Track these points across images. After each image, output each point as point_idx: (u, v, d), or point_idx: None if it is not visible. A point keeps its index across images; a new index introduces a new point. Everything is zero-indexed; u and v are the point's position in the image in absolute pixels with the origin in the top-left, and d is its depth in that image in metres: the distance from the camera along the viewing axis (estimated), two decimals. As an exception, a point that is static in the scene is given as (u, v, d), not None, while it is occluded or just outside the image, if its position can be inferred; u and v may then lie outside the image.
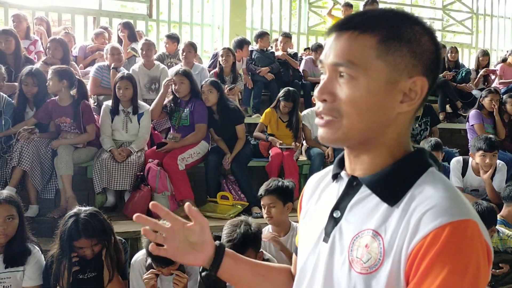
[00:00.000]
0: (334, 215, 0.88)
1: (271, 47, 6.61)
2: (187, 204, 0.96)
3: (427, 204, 0.75)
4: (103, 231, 2.48)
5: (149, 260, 2.48)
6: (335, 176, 0.94)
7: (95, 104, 4.64)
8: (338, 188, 0.91)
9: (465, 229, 0.72)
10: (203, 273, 1.04)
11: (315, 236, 0.91)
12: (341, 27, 0.82)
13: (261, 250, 2.43)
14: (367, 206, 0.83)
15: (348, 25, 0.81)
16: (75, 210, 2.50)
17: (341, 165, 0.94)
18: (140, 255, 2.60)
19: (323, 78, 0.85)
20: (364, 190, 0.85)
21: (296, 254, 1.06)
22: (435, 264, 0.70)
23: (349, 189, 0.88)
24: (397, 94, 0.81)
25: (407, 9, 9.21)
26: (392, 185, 0.81)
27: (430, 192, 0.77)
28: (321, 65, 0.86)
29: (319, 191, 0.99)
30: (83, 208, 2.51)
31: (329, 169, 1.01)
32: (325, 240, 0.87)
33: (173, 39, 5.83)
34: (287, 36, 6.50)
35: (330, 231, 0.87)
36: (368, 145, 0.84)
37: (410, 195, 0.79)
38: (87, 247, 2.44)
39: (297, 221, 1.15)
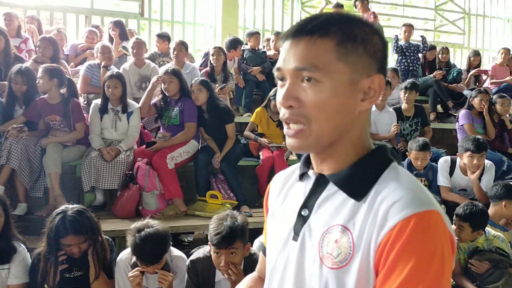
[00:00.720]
0: (302, 213, 0.89)
1: (263, 46, 6.61)
2: None
3: (392, 197, 0.78)
4: (91, 228, 2.49)
5: (134, 259, 2.48)
6: (302, 175, 0.95)
7: (85, 102, 4.64)
8: (305, 186, 0.93)
9: (429, 220, 0.75)
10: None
11: (284, 235, 0.92)
12: (297, 33, 0.83)
13: (248, 242, 2.44)
14: (335, 202, 0.86)
15: (304, 30, 0.83)
16: (62, 207, 2.51)
17: (307, 163, 0.95)
18: (125, 253, 2.60)
19: (282, 84, 0.86)
20: (331, 187, 0.88)
21: (264, 254, 1.08)
22: (402, 255, 0.73)
23: (317, 187, 0.90)
24: (358, 93, 0.84)
25: (400, 10, 9.28)
26: (357, 181, 0.84)
27: (394, 185, 0.81)
28: (278, 72, 0.86)
29: (285, 191, 1.00)
30: (70, 206, 2.52)
31: (294, 168, 1.03)
32: (295, 238, 0.89)
33: (163, 38, 5.84)
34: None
35: (299, 229, 0.89)
36: (335, 146, 0.87)
37: (375, 190, 0.82)
38: (74, 244, 2.45)
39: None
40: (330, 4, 7.95)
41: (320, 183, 0.89)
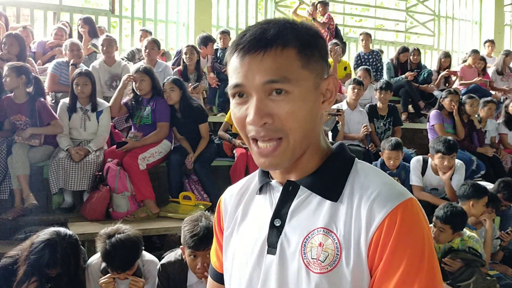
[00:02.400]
0: (276, 224, 0.87)
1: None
2: None
3: (371, 192, 0.80)
4: (77, 261, 2.38)
5: (104, 264, 2.40)
6: (261, 188, 0.93)
7: (53, 101, 4.49)
8: (270, 197, 0.91)
9: (411, 207, 0.79)
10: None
11: (255, 251, 0.88)
12: (256, 46, 0.79)
13: None
14: (310, 207, 0.85)
15: (263, 42, 0.79)
16: (50, 233, 2.33)
17: (266, 174, 0.93)
18: (95, 258, 2.53)
19: (243, 101, 0.82)
20: (302, 193, 0.86)
21: (215, 279, 1.06)
22: (397, 247, 0.76)
23: (285, 195, 0.88)
24: (320, 96, 0.85)
25: (372, 11, 9.38)
26: (329, 182, 0.85)
27: (367, 182, 0.83)
28: (239, 89, 0.81)
29: (243, 206, 0.96)
30: (63, 232, 2.35)
31: (244, 183, 1.00)
32: (271, 252, 0.86)
33: (147, 32, 5.98)
34: None
35: (275, 241, 0.86)
36: (303, 153, 0.86)
37: (349, 189, 0.83)
38: (55, 273, 2.32)
39: None
40: (304, 4, 7.97)
41: (289, 190, 0.88)
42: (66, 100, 4.00)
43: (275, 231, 0.86)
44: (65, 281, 2.33)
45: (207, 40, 5.70)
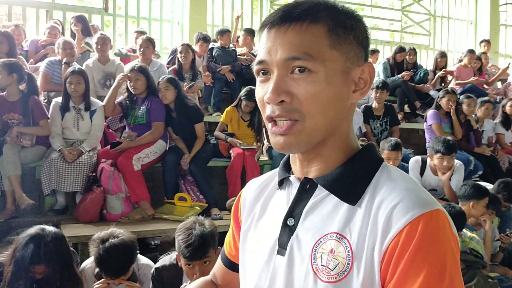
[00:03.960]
0: (288, 223, 0.81)
1: (233, 45, 6.51)
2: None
3: (392, 199, 0.72)
4: (63, 260, 2.27)
5: (97, 268, 2.33)
6: (281, 182, 0.87)
7: (45, 101, 4.41)
8: (287, 194, 0.85)
9: (437, 220, 0.69)
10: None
11: (266, 250, 0.83)
12: (283, 20, 0.75)
13: (219, 246, 2.32)
14: (326, 208, 0.78)
15: (291, 16, 0.75)
16: (37, 230, 2.25)
17: (287, 168, 0.87)
18: (89, 262, 2.47)
19: (266, 79, 0.77)
20: (319, 192, 0.79)
21: (223, 262, 1.03)
22: (414, 262, 0.67)
23: (302, 193, 0.81)
24: (350, 84, 0.78)
25: (368, 10, 9.35)
26: (350, 183, 0.77)
27: (391, 186, 0.74)
28: (261, 66, 0.77)
29: (263, 201, 0.91)
30: (48, 229, 2.26)
31: (268, 176, 0.94)
32: (281, 252, 0.80)
33: (142, 33, 5.85)
34: (249, 32, 6.39)
35: (286, 242, 0.80)
36: (325, 143, 0.79)
37: (370, 192, 0.75)
38: (41, 273, 2.23)
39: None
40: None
41: (306, 188, 0.81)
42: (59, 99, 3.92)
43: (287, 230, 0.80)
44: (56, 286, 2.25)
45: (200, 39, 5.61)
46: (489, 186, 4.10)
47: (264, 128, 4.59)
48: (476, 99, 5.49)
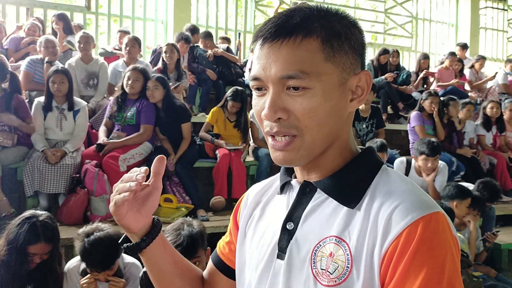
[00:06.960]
0: (288, 227, 0.80)
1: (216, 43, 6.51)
2: (160, 156, 0.88)
3: (392, 201, 0.72)
4: (57, 238, 2.37)
5: (83, 265, 2.33)
6: (283, 187, 0.87)
7: (27, 100, 4.30)
8: (288, 198, 0.85)
9: (436, 222, 0.69)
10: (126, 245, 0.91)
11: (266, 254, 0.83)
12: (276, 34, 0.73)
13: (208, 247, 2.30)
14: (325, 212, 0.78)
15: (284, 31, 0.73)
16: (29, 213, 2.34)
17: (289, 172, 0.87)
18: (73, 262, 2.45)
19: (261, 94, 0.77)
20: (318, 196, 0.80)
21: (214, 263, 1.01)
22: (412, 265, 0.67)
23: (302, 197, 0.81)
24: (347, 93, 0.78)
25: (351, 12, 9.40)
26: (349, 187, 0.77)
27: (391, 189, 0.75)
28: (256, 82, 0.76)
29: (262, 206, 0.91)
30: (39, 212, 2.38)
31: (270, 181, 0.94)
32: (280, 256, 0.80)
33: (126, 33, 5.79)
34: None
35: (285, 246, 0.80)
36: (325, 153, 0.79)
37: (370, 195, 0.75)
38: (40, 254, 2.28)
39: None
40: (284, 4, 7.92)
41: (306, 191, 0.81)
42: (41, 99, 3.84)
43: (287, 234, 0.80)
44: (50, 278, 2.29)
45: (182, 38, 5.56)
46: (471, 186, 4.15)
47: (250, 129, 4.57)
48: (460, 100, 5.58)
